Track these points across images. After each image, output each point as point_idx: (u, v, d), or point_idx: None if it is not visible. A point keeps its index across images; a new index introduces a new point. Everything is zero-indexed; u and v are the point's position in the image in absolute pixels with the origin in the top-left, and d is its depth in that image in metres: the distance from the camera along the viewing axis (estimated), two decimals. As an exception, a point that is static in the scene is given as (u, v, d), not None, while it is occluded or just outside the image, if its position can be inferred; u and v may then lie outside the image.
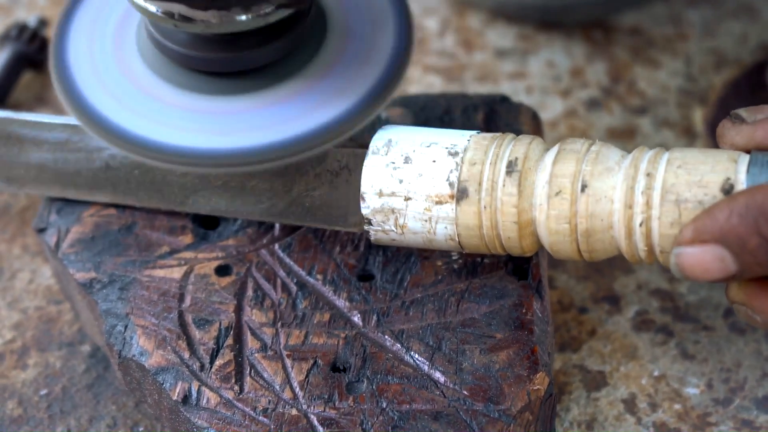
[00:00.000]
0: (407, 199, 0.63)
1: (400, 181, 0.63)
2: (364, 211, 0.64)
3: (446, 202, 0.63)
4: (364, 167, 0.64)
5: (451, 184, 0.63)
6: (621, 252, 0.61)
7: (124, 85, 0.67)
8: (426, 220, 0.63)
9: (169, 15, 0.62)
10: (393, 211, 0.64)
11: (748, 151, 0.60)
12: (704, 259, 0.57)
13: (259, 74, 0.66)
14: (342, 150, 0.67)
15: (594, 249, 0.61)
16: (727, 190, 0.58)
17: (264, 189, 0.68)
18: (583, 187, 0.61)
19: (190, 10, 0.62)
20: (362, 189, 0.64)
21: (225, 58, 0.65)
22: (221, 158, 0.64)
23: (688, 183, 0.59)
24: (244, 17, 0.62)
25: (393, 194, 0.64)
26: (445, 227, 0.63)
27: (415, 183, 0.63)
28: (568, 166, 0.61)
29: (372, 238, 0.65)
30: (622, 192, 0.60)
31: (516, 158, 0.62)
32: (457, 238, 0.63)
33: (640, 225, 0.59)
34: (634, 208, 0.60)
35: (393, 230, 0.64)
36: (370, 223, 0.64)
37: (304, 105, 0.65)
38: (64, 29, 0.70)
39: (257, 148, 0.64)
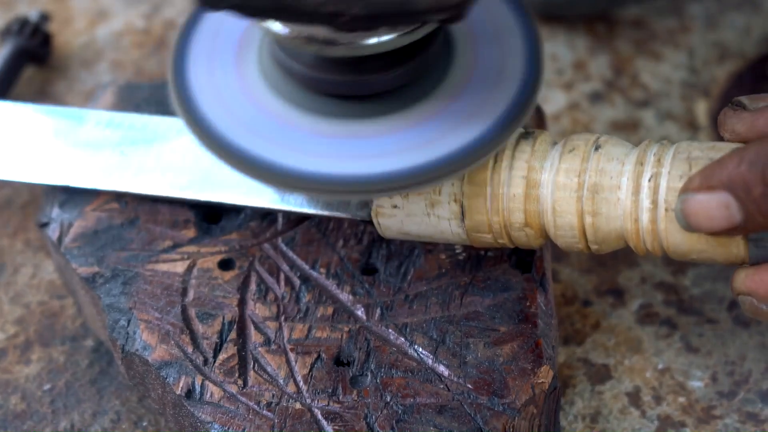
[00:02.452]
0: None
1: None
2: None
3: None
4: None
5: None
6: (623, 218, 0.61)
7: (250, 110, 0.65)
8: None
9: (312, 39, 0.60)
10: None
11: None
12: (710, 206, 0.57)
13: (387, 98, 0.64)
14: None
15: (598, 212, 0.61)
16: None
17: None
18: (597, 148, 0.62)
19: (334, 33, 0.60)
20: None
21: (355, 81, 0.63)
22: (355, 184, 0.61)
23: (701, 147, 0.60)
24: (389, 37, 0.61)
25: None
26: (452, 184, 0.63)
27: None
28: (585, 135, 0.63)
29: (373, 206, 0.65)
30: (635, 156, 0.61)
31: (533, 131, 0.64)
32: (461, 197, 0.63)
33: (649, 180, 0.60)
34: (645, 165, 0.60)
35: None
36: None
37: (434, 130, 0.63)
38: (181, 54, 0.67)
39: (390, 174, 0.61)
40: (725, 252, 0.59)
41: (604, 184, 0.61)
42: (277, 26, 0.61)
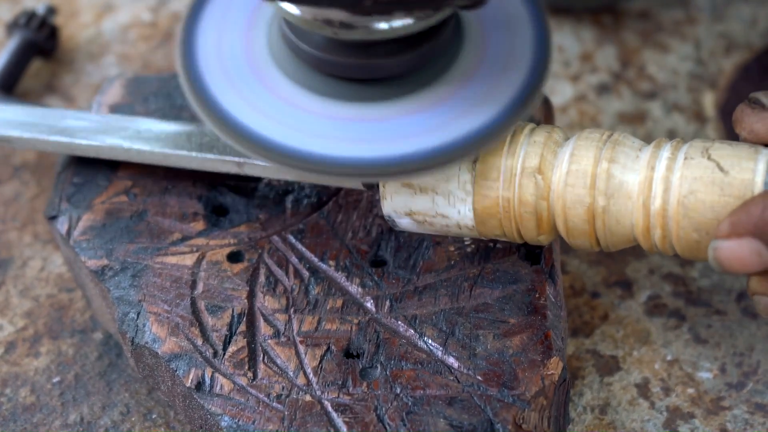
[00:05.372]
0: None
1: None
2: None
3: None
4: None
5: None
6: (638, 171, 0.61)
7: (260, 91, 0.65)
8: None
9: (328, 23, 0.61)
10: None
11: None
12: (741, 253, 0.58)
13: (397, 82, 0.64)
14: None
15: (615, 160, 0.61)
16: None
17: None
18: (614, 133, 0.63)
19: (352, 17, 0.60)
20: None
21: (365, 65, 0.63)
22: (365, 168, 0.62)
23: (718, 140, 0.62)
24: (407, 21, 0.61)
25: None
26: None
27: None
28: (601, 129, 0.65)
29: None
30: (652, 144, 0.62)
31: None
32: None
33: (667, 159, 0.61)
34: (661, 148, 0.61)
35: None
36: None
37: (442, 115, 0.63)
38: (190, 34, 0.67)
39: (399, 157, 0.62)
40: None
41: (626, 143, 0.62)
42: (292, 7, 0.61)
